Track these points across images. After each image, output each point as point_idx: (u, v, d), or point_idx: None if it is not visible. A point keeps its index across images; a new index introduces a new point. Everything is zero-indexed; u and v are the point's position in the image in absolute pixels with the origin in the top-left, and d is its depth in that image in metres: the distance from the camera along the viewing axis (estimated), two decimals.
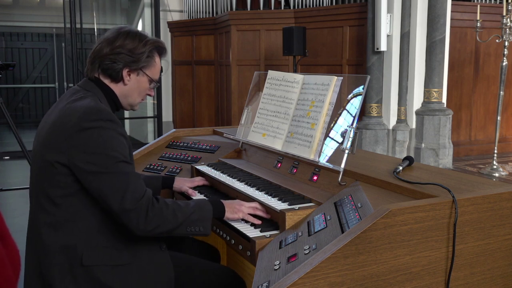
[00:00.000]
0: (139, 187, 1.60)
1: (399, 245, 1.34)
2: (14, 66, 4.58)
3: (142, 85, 1.82)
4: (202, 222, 1.71)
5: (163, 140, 2.83)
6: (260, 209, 1.84)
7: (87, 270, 1.60)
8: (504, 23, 5.68)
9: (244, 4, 7.42)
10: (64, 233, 1.61)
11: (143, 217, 1.58)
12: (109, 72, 1.76)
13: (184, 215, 1.67)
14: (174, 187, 2.22)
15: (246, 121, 2.48)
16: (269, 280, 1.35)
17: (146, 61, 1.78)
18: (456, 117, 6.77)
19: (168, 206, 1.65)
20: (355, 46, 6.58)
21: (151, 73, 1.82)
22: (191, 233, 1.70)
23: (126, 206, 1.56)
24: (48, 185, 1.62)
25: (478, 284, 1.49)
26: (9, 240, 1.65)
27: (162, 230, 1.63)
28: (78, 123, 1.58)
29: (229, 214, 1.80)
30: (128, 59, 1.75)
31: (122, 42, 1.74)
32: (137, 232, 1.59)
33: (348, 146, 1.83)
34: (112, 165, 1.57)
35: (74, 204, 1.61)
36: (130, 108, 1.87)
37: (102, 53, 1.75)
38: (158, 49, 1.83)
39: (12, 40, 11.32)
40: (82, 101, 1.66)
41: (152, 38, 1.81)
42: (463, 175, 1.76)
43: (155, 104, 8.54)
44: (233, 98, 7.42)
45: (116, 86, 1.79)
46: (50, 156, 1.60)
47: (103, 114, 1.61)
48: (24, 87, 11.42)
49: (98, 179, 1.56)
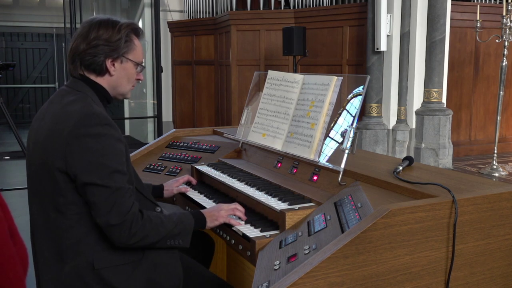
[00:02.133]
0: (127, 202, 1.59)
1: (399, 245, 1.34)
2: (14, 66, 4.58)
3: (129, 71, 1.77)
4: (182, 236, 1.72)
5: (163, 140, 2.83)
6: (239, 210, 1.85)
7: (99, 273, 1.60)
8: (504, 23, 5.68)
9: (244, 4, 7.42)
10: (72, 238, 1.61)
11: (126, 232, 1.57)
12: (93, 67, 1.72)
13: (165, 230, 1.67)
14: (165, 194, 2.24)
15: (246, 121, 2.48)
16: (269, 280, 1.36)
17: (126, 46, 1.74)
18: (456, 117, 6.77)
19: (152, 221, 1.64)
20: (355, 46, 6.58)
21: (134, 56, 1.77)
22: (171, 246, 1.71)
23: (111, 221, 1.55)
24: (53, 193, 1.61)
25: (478, 284, 1.50)
26: (18, 238, 1.67)
27: (143, 244, 1.63)
28: (75, 129, 1.56)
29: (209, 223, 1.82)
30: (107, 49, 1.70)
31: (97, 34, 1.70)
32: (118, 244, 1.60)
33: (348, 146, 1.83)
34: (106, 176, 1.56)
35: (77, 212, 1.61)
36: (122, 97, 1.83)
37: (80, 50, 1.70)
38: (134, 31, 1.78)
39: (12, 40, 11.33)
40: (76, 105, 1.63)
41: (125, 21, 1.76)
42: (463, 175, 1.76)
43: (155, 104, 8.54)
44: (233, 98, 7.42)
45: (103, 79, 1.75)
46: (50, 163, 1.59)
47: (99, 118, 1.59)
48: (24, 87, 11.42)
49: (90, 190, 1.55)
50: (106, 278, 1.60)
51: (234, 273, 2.48)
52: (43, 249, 1.65)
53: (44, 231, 1.65)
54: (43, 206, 1.64)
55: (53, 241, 1.62)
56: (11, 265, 1.56)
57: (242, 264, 2.39)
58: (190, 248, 1.85)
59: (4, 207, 1.62)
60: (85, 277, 1.60)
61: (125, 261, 1.64)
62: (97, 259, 1.61)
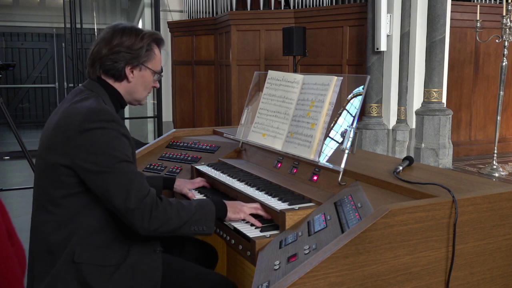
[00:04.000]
0: (143, 187, 1.60)
1: (399, 245, 1.34)
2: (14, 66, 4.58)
3: (146, 79, 1.81)
4: (206, 222, 1.71)
5: (163, 140, 2.83)
6: (261, 210, 1.84)
7: (77, 267, 1.60)
8: (504, 23, 5.68)
9: (244, 4, 7.42)
10: (64, 231, 1.62)
11: (147, 216, 1.57)
12: (112, 72, 1.75)
13: (187, 214, 1.67)
14: (175, 188, 2.22)
15: (246, 121, 2.48)
16: (269, 280, 1.36)
17: (146, 55, 1.77)
18: (456, 117, 6.77)
19: (172, 205, 1.65)
20: (355, 46, 6.58)
21: (153, 65, 1.81)
22: (195, 233, 1.70)
23: (131, 205, 1.56)
24: (50, 186, 1.62)
25: (478, 284, 1.50)
26: (15, 239, 1.68)
27: (166, 229, 1.62)
28: (80, 124, 1.58)
29: (231, 214, 1.80)
30: (128, 57, 1.74)
31: (119, 40, 1.73)
32: (141, 231, 1.59)
33: (348, 146, 1.83)
34: (114, 164, 1.57)
35: (75, 205, 1.62)
36: (137, 103, 1.87)
37: (102, 54, 1.73)
38: (156, 41, 1.82)
39: (12, 40, 11.32)
40: (85, 102, 1.65)
41: (148, 31, 1.80)
42: (463, 175, 1.76)
43: (155, 104, 8.54)
44: (233, 98, 7.42)
45: (120, 85, 1.78)
46: (52, 158, 1.60)
47: (105, 115, 1.61)
48: (24, 87, 11.42)
49: (102, 179, 1.56)
50: (83, 274, 1.59)
51: (234, 273, 2.48)
52: (37, 243, 1.66)
53: (38, 225, 1.66)
54: (41, 199, 1.65)
55: (45, 235, 1.63)
56: (9, 265, 1.56)
57: (242, 264, 2.39)
58: (192, 259, 1.85)
59: (2, 207, 1.63)
60: (64, 269, 1.60)
61: (105, 262, 1.63)
62: (79, 252, 1.61)
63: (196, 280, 1.80)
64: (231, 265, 2.51)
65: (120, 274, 1.64)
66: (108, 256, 1.64)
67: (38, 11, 10.39)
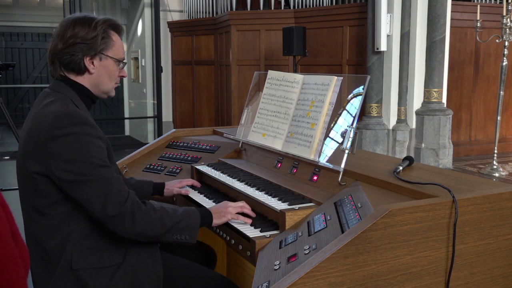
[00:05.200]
0: (122, 191, 1.56)
1: (399, 245, 1.34)
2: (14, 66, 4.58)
3: (109, 68, 1.74)
4: (189, 231, 1.67)
5: (163, 140, 2.83)
6: (247, 208, 1.83)
7: (76, 274, 1.58)
8: (504, 23, 5.68)
9: (244, 4, 7.42)
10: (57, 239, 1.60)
11: (129, 220, 1.55)
12: (71, 66, 1.69)
13: (171, 221, 1.63)
14: (165, 193, 2.20)
15: (246, 121, 2.48)
16: (269, 280, 1.35)
17: (104, 43, 1.70)
18: (456, 117, 6.77)
19: (156, 211, 1.61)
20: (355, 46, 6.58)
21: (114, 53, 1.73)
22: (177, 241, 1.67)
23: (110, 212, 1.53)
24: (33, 196, 1.59)
25: (478, 284, 1.49)
26: (19, 239, 1.68)
27: (149, 235, 1.60)
28: (49, 131, 1.53)
29: (216, 220, 1.78)
30: (84, 47, 1.67)
31: (73, 32, 1.67)
32: (125, 236, 1.57)
33: (348, 146, 1.82)
34: (90, 171, 1.53)
35: (61, 212, 1.59)
36: (106, 95, 1.80)
37: (58, 50, 1.68)
38: (112, 27, 1.74)
39: (12, 40, 11.33)
40: (52, 106, 1.60)
41: (102, 18, 1.73)
42: (463, 175, 1.76)
43: (155, 104, 8.54)
44: (233, 98, 7.42)
45: (83, 79, 1.72)
46: (30, 166, 1.57)
47: (74, 118, 1.56)
48: (24, 87, 11.42)
49: (77, 188, 1.53)
50: (84, 280, 1.58)
51: (234, 273, 2.48)
52: (32, 252, 1.64)
53: (30, 234, 1.64)
54: (27, 208, 1.63)
55: (38, 243, 1.62)
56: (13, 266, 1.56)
57: (242, 264, 2.39)
58: (191, 259, 1.84)
59: (5, 207, 1.62)
60: (63, 278, 1.58)
61: (104, 264, 1.61)
62: (76, 259, 1.59)
63: (197, 279, 1.79)
64: (231, 265, 2.51)
65: (121, 274, 1.63)
66: (106, 258, 1.63)
67: (38, 11, 10.39)
